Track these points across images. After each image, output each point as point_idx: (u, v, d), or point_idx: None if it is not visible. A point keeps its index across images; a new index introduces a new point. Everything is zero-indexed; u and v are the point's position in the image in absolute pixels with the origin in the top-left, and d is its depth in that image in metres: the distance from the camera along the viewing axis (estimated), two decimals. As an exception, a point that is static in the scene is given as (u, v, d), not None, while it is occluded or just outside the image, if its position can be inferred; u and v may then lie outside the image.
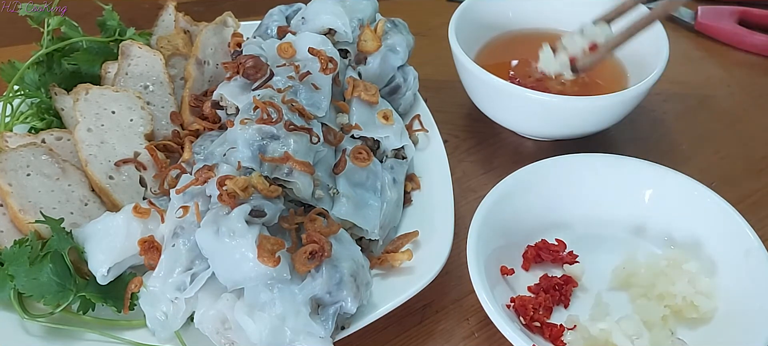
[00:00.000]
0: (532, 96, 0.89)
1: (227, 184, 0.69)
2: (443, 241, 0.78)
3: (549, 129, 0.96)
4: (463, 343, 0.78)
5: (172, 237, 0.72)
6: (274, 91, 0.82)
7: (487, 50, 1.06)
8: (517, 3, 1.08)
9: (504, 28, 1.09)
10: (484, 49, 1.06)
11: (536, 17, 1.09)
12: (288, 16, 1.01)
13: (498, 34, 1.08)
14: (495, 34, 1.08)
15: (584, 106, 0.89)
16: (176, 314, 0.70)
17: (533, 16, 1.09)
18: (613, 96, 0.89)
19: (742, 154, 1.00)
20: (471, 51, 1.00)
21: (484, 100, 0.97)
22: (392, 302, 0.73)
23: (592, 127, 0.94)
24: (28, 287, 0.71)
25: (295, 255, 0.68)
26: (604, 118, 0.93)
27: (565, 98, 0.89)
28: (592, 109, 0.90)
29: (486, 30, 1.07)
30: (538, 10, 1.08)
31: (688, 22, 1.27)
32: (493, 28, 1.08)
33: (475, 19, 1.04)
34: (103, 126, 0.87)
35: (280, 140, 0.76)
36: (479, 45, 1.06)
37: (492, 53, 1.06)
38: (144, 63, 0.95)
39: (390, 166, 0.86)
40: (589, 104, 0.89)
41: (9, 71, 0.95)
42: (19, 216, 0.78)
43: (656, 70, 0.90)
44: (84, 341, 0.73)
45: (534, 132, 0.99)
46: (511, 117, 0.96)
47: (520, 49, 1.06)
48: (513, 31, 1.09)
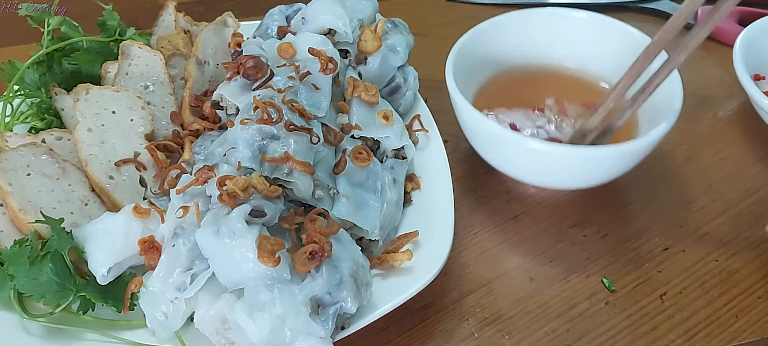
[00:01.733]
0: (535, 146, 0.80)
1: (227, 184, 0.69)
2: (443, 241, 0.78)
3: (553, 180, 0.88)
4: (463, 343, 0.78)
5: (172, 237, 0.72)
6: (274, 91, 0.82)
7: (488, 88, 0.98)
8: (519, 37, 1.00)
9: (506, 64, 1.00)
10: (486, 87, 0.98)
11: (540, 52, 1.01)
12: (288, 16, 1.01)
13: (500, 71, 1.00)
14: (497, 71, 0.99)
15: (592, 157, 0.80)
16: (176, 314, 0.70)
17: (537, 51, 1.00)
18: (624, 146, 0.79)
19: (742, 154, 1.00)
20: (470, 89, 0.94)
21: (483, 147, 0.89)
22: (392, 302, 0.73)
23: (599, 179, 0.86)
24: (28, 287, 0.71)
25: (295, 255, 0.68)
26: (612, 169, 0.84)
27: (571, 148, 0.81)
28: (600, 160, 0.81)
29: (486, 66, 0.98)
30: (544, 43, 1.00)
31: (688, 22, 1.27)
32: (494, 64, 0.99)
33: (474, 55, 0.95)
34: (104, 126, 0.87)
35: (280, 140, 0.76)
36: (480, 82, 0.98)
37: (494, 93, 0.97)
38: (144, 63, 0.95)
39: (390, 166, 0.86)
40: (597, 155, 0.80)
41: (9, 71, 0.95)
42: (19, 216, 0.78)
43: (670, 118, 0.81)
44: (84, 341, 0.73)
45: (536, 182, 0.91)
46: (511, 166, 0.88)
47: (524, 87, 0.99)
48: (515, 67, 1.00)
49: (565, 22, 1.00)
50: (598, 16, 0.97)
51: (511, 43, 0.99)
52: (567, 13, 1.01)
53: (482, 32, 0.96)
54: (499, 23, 0.98)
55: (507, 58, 1.00)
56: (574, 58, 0.99)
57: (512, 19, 0.99)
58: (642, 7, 1.34)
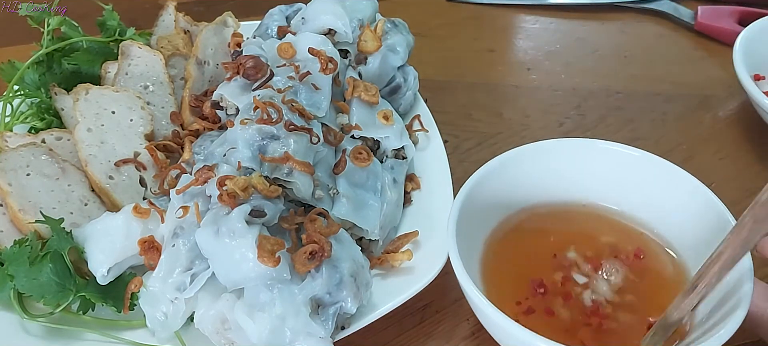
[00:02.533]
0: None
1: (227, 184, 0.69)
2: (443, 241, 0.78)
3: None
4: (463, 343, 0.78)
5: (172, 237, 0.72)
6: (274, 91, 0.82)
7: (500, 236, 0.77)
8: (534, 177, 0.79)
9: (519, 205, 0.79)
10: (497, 234, 0.77)
11: (556, 190, 0.79)
12: (288, 16, 1.01)
13: (512, 213, 0.79)
14: (508, 213, 0.79)
15: None
16: (176, 314, 0.70)
17: (553, 190, 0.79)
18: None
19: (742, 154, 1.00)
20: (479, 240, 0.75)
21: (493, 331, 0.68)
22: (392, 302, 0.73)
23: None
24: (28, 287, 0.71)
25: (295, 255, 0.68)
26: None
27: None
28: None
29: (498, 209, 0.78)
30: (564, 180, 0.79)
31: (688, 22, 1.27)
32: (505, 206, 0.79)
33: (483, 199, 0.76)
34: (103, 126, 0.87)
35: (280, 140, 0.76)
36: (490, 228, 0.77)
37: (506, 243, 0.76)
38: (144, 63, 0.95)
39: (390, 166, 0.86)
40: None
41: (9, 71, 0.95)
42: (19, 216, 0.78)
43: (732, 323, 0.59)
44: (84, 341, 0.72)
45: None
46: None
47: (540, 237, 0.78)
48: (531, 207, 0.79)
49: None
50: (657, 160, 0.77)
51: (532, 178, 0.79)
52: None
53: (497, 169, 0.77)
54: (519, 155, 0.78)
55: (524, 198, 0.79)
56: (611, 198, 0.79)
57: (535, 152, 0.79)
58: (642, 8, 1.34)
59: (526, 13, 1.36)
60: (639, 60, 1.23)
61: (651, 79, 1.17)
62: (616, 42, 1.29)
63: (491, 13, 1.37)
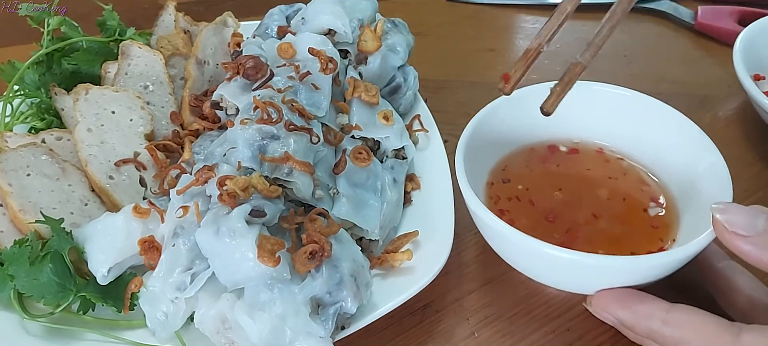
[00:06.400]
0: (559, 254, 0.67)
1: (227, 184, 0.69)
2: (443, 241, 0.78)
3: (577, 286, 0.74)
4: (463, 343, 0.78)
5: (172, 237, 0.72)
6: (274, 91, 0.82)
7: (502, 168, 0.85)
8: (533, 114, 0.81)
9: (523, 141, 0.87)
10: (500, 167, 0.85)
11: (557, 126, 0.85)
12: (288, 16, 1.02)
13: (516, 149, 0.87)
14: (513, 149, 0.86)
15: (621, 267, 0.68)
16: (176, 314, 0.70)
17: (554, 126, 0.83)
18: (658, 257, 0.68)
19: (742, 154, 1.00)
20: (482, 174, 0.82)
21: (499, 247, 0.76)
22: (392, 302, 0.73)
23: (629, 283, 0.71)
24: (28, 287, 0.71)
25: (295, 255, 0.68)
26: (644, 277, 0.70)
27: (598, 258, 0.68)
28: (629, 270, 0.69)
29: (501, 146, 0.85)
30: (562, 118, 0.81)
31: (688, 22, 1.27)
32: (509, 143, 0.86)
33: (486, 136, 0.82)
34: (103, 126, 0.87)
35: (280, 140, 0.76)
36: (494, 162, 0.85)
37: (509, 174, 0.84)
38: (144, 63, 0.95)
39: (390, 166, 0.86)
40: (627, 265, 0.68)
41: (9, 71, 0.96)
42: (19, 216, 0.78)
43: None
44: (84, 341, 0.72)
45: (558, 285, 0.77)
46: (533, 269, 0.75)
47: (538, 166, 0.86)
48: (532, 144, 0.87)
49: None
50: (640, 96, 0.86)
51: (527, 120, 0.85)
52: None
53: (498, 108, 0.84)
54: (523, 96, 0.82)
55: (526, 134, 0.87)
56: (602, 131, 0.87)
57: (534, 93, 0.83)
58: (642, 8, 1.34)
59: (526, 13, 1.37)
60: (639, 60, 1.23)
61: (651, 78, 1.17)
62: (616, 42, 1.28)
63: (491, 13, 1.37)
